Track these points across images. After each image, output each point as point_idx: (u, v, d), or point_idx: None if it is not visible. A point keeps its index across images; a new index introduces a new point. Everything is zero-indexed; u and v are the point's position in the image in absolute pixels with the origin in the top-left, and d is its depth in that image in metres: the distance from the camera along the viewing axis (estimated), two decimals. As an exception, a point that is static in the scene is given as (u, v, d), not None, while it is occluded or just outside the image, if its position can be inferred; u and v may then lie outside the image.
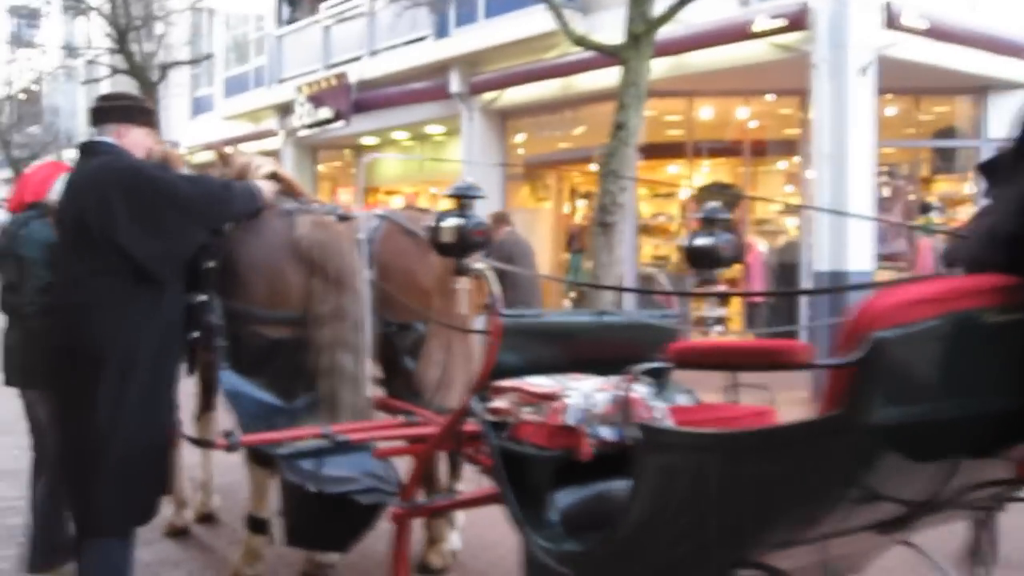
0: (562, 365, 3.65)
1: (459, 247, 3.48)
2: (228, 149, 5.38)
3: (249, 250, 4.46)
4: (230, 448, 3.84)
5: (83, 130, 31.29)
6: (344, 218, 4.82)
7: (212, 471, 5.94)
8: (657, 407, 3.31)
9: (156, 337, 3.92)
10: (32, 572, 4.71)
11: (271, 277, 4.47)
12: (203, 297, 4.29)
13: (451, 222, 3.48)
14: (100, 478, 3.76)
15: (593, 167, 15.26)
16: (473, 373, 4.84)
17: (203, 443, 4.56)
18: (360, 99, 17.13)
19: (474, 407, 3.46)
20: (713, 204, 4.11)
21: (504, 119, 15.92)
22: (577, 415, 3.19)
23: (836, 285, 10.41)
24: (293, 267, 4.49)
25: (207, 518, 5.90)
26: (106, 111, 4.19)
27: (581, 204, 16.03)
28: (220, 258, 4.33)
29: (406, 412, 4.32)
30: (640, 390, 3.36)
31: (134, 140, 4.14)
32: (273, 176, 4.72)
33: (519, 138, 16.16)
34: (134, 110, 4.24)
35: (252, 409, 4.29)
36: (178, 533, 5.60)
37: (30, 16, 39.19)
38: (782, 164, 14.47)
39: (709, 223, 4.08)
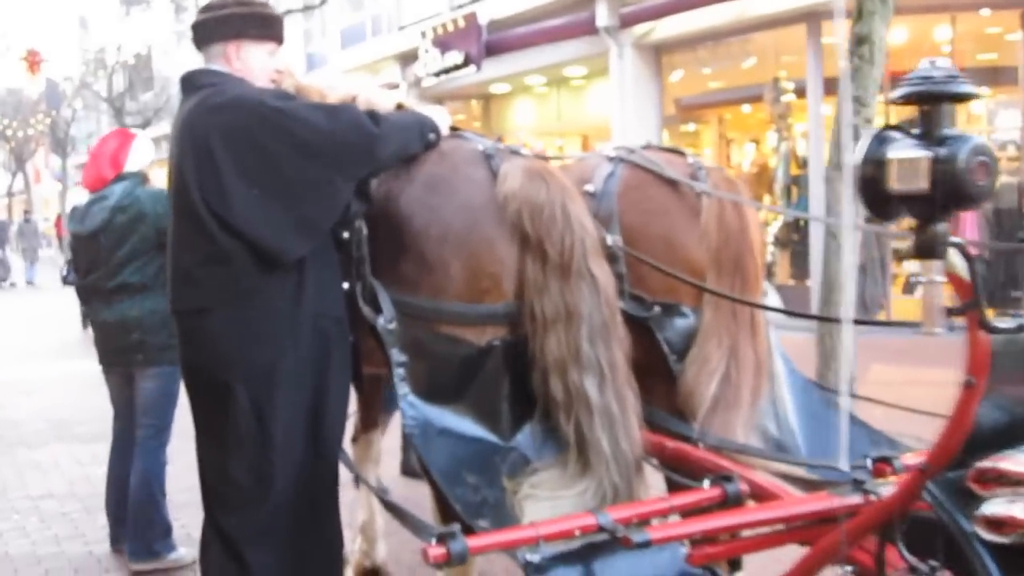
0: None
1: (937, 200, 1.69)
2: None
3: (433, 215, 3.02)
4: (452, 561, 2.18)
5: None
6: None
7: (375, 509, 4.32)
8: None
9: (303, 344, 2.93)
10: (136, 560, 4.64)
11: (472, 254, 2.99)
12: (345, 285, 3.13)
13: (913, 153, 1.68)
14: (243, 538, 2.95)
15: (746, 108, 13.62)
16: (762, 388, 3.32)
17: (407, 520, 2.72)
18: (491, 41, 15.68)
19: (940, 500, 1.79)
20: None
21: (659, 55, 14.29)
22: None
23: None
24: (502, 238, 2.99)
25: (372, 574, 4.33)
26: (210, 26, 3.10)
27: (749, 149, 14.21)
28: (374, 228, 3.10)
29: (723, 477, 2.60)
30: None
31: (252, 62, 3.09)
32: (399, 108, 3.35)
33: (675, 76, 14.45)
34: (247, 19, 3.10)
35: (456, 453, 2.81)
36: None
37: (139, -23, 38.66)
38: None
39: None
